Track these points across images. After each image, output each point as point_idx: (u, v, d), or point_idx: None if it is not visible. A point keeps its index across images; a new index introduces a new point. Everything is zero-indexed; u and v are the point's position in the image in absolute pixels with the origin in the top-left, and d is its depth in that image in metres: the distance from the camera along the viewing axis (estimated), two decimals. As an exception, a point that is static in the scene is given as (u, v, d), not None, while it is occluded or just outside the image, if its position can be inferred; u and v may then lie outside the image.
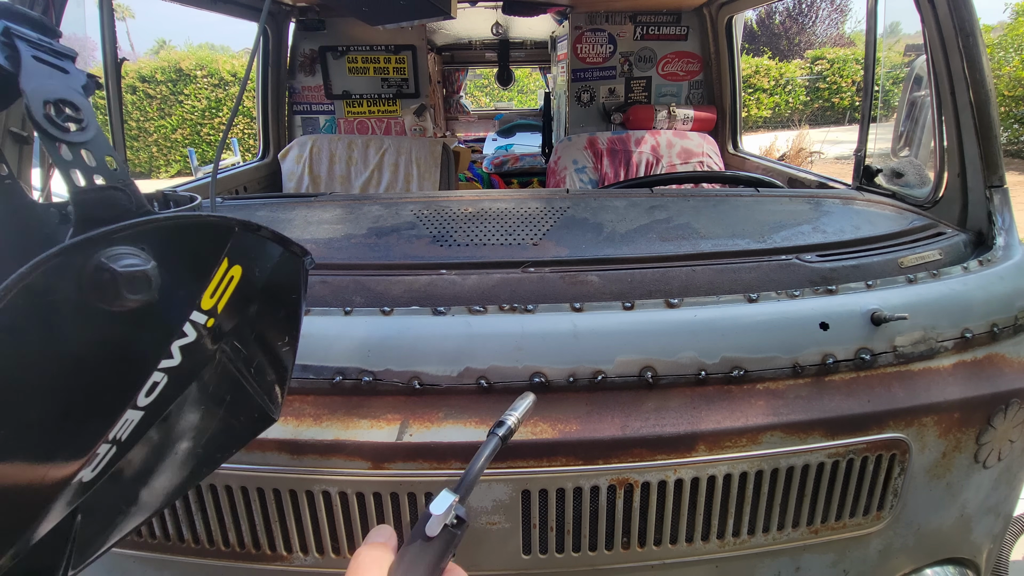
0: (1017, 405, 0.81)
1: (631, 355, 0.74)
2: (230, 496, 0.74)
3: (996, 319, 0.82)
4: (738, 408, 0.74)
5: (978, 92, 0.97)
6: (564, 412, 0.73)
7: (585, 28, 2.61)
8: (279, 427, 0.72)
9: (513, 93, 13.71)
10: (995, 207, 0.97)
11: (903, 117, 1.25)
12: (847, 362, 0.77)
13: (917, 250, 0.93)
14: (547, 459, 0.71)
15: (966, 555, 0.91)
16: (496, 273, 0.85)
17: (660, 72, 2.69)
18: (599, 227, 0.96)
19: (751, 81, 15.09)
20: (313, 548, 0.76)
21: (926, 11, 1.03)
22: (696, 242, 0.92)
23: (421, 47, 2.67)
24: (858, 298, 0.80)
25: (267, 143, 2.63)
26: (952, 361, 0.81)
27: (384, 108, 2.75)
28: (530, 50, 4.22)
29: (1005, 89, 9.98)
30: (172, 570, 0.81)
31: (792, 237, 0.94)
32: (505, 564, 0.76)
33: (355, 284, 0.84)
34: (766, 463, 0.74)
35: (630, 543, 0.76)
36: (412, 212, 1.01)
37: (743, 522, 0.77)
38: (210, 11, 2.04)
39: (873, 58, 1.27)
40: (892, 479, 0.79)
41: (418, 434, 0.71)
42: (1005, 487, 0.89)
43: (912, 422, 0.77)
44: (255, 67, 2.55)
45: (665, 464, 0.72)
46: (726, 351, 0.75)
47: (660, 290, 0.84)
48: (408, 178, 2.41)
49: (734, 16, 2.51)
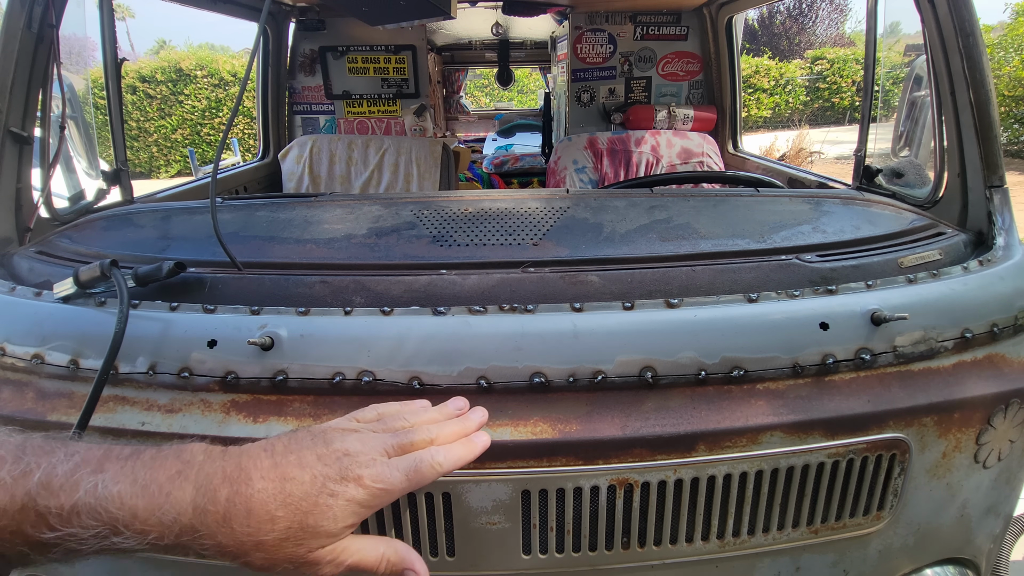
0: (1017, 405, 0.81)
1: (631, 355, 0.74)
2: (230, 496, 0.74)
3: (996, 319, 0.82)
4: (738, 408, 0.74)
5: (978, 92, 0.97)
6: (564, 412, 0.73)
7: (585, 28, 2.61)
8: (279, 427, 0.72)
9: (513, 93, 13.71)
10: (995, 207, 0.97)
11: (903, 117, 1.25)
12: (847, 362, 0.77)
13: (917, 250, 0.93)
14: (547, 459, 0.71)
15: (966, 555, 0.91)
16: (496, 273, 0.85)
17: (660, 72, 2.69)
18: (599, 227, 0.96)
19: (751, 81, 15.09)
20: (313, 548, 0.76)
21: (926, 11, 1.03)
22: (696, 242, 0.92)
23: (421, 47, 2.67)
24: (858, 298, 0.80)
25: (267, 143, 2.63)
26: (952, 361, 0.81)
27: (384, 108, 2.75)
28: (530, 50, 4.22)
29: (1005, 89, 9.97)
30: (172, 570, 0.81)
31: (792, 237, 0.94)
32: (505, 564, 0.76)
33: (355, 284, 0.84)
34: (766, 463, 0.74)
35: (630, 543, 0.76)
36: (412, 212, 1.01)
37: (743, 522, 0.77)
38: (210, 11, 2.04)
39: (873, 58, 1.27)
40: (892, 479, 0.79)
41: (418, 434, 0.71)
42: (1005, 487, 0.89)
43: (912, 422, 0.77)
44: (255, 67, 2.55)
45: (665, 464, 0.72)
46: (726, 351, 0.75)
47: (660, 290, 0.84)
48: (408, 178, 2.41)
49: (734, 16, 2.51)
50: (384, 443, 0.51)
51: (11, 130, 1.01)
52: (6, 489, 0.39)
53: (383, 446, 0.51)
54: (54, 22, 1.06)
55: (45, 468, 0.41)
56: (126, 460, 0.44)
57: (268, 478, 0.46)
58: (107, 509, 0.41)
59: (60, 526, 0.40)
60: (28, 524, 0.40)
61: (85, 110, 1.26)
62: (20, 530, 0.40)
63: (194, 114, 12.90)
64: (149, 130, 12.83)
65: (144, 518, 0.42)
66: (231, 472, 0.45)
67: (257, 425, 0.72)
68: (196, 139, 12.99)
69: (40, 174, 1.08)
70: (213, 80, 12.84)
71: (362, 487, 0.48)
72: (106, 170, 1.30)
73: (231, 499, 0.44)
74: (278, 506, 0.45)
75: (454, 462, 0.53)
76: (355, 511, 0.48)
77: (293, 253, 0.91)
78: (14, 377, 0.79)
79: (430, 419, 0.57)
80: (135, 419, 0.74)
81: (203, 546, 0.44)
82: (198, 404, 0.75)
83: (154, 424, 0.73)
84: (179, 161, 13.04)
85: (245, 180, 2.40)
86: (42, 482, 0.40)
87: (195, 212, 1.09)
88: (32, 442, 0.43)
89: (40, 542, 0.40)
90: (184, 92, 12.76)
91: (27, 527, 0.40)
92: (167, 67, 12.71)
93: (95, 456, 0.43)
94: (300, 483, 0.46)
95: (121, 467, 0.43)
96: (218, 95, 12.90)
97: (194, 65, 12.75)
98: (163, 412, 0.74)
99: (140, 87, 12.56)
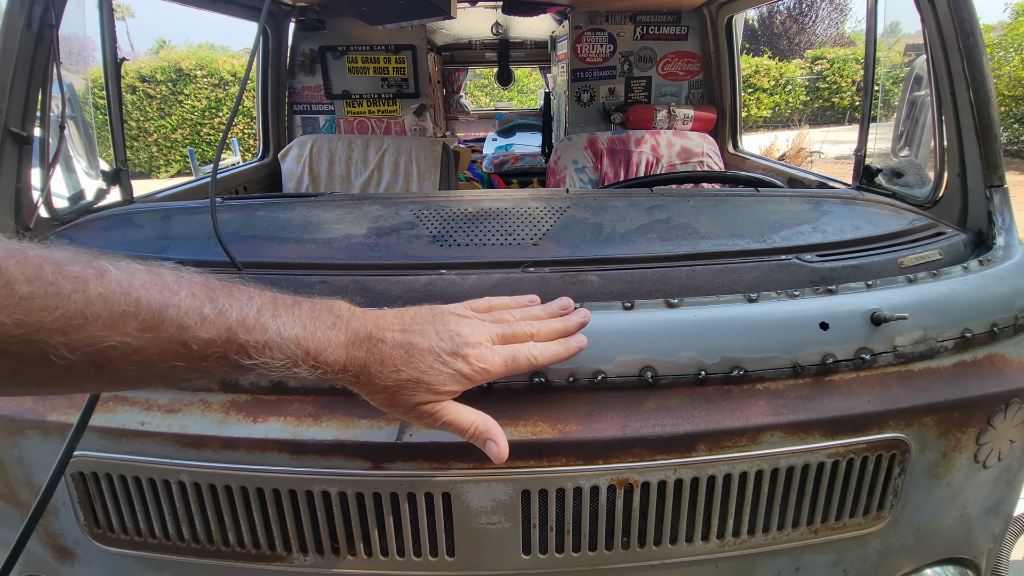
0: (1017, 405, 0.81)
1: (631, 355, 0.74)
2: (230, 496, 0.74)
3: (996, 319, 0.82)
4: (738, 408, 0.74)
5: (978, 92, 0.97)
6: (564, 412, 0.73)
7: (585, 28, 2.61)
8: (279, 427, 0.72)
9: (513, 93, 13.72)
10: (995, 207, 0.97)
11: (903, 117, 1.25)
12: (847, 362, 0.77)
13: (917, 250, 0.93)
14: (547, 459, 0.71)
15: (966, 555, 0.91)
16: (496, 273, 0.85)
17: (660, 72, 2.69)
18: (599, 227, 0.96)
19: (751, 81, 15.09)
20: (313, 548, 0.76)
21: (926, 11, 1.03)
22: (696, 242, 0.92)
23: (421, 47, 2.67)
24: (858, 298, 0.80)
25: (267, 143, 2.62)
26: (952, 361, 0.81)
27: (384, 108, 2.75)
28: (530, 50, 4.22)
29: (1005, 89, 9.97)
30: (172, 570, 0.81)
31: (792, 237, 0.94)
32: (505, 564, 0.76)
33: (355, 284, 0.84)
34: (766, 463, 0.74)
35: (630, 543, 0.76)
36: (412, 212, 1.01)
37: (743, 522, 0.77)
38: (210, 11, 2.04)
39: (873, 58, 1.27)
40: (892, 479, 0.79)
41: (418, 434, 0.71)
42: (1005, 487, 0.89)
43: (912, 422, 0.77)
44: (255, 67, 2.55)
45: (665, 464, 0.72)
46: (726, 351, 0.75)
47: (660, 290, 0.84)
48: (408, 178, 2.41)
49: (734, 16, 2.51)
50: (490, 331, 0.62)
51: (11, 130, 1.01)
52: (213, 324, 0.48)
53: (489, 334, 0.61)
54: (54, 22, 1.06)
55: (236, 309, 0.49)
56: (291, 309, 0.53)
57: (397, 341, 0.57)
58: (289, 347, 0.51)
59: (256, 356, 0.50)
60: (232, 352, 0.49)
61: (85, 110, 1.26)
62: (226, 356, 0.49)
63: (194, 114, 12.89)
64: (149, 130, 12.83)
65: (315, 355, 0.53)
66: (372, 329, 0.57)
67: (257, 425, 0.72)
68: (196, 139, 12.99)
69: (40, 174, 1.07)
70: (213, 80, 12.84)
71: (467, 363, 0.58)
72: (106, 170, 1.30)
73: (370, 350, 0.56)
74: (402, 363, 0.56)
75: (549, 357, 0.63)
76: (459, 380, 0.58)
77: (293, 253, 0.91)
78: (14, 377, 0.79)
79: (534, 315, 0.67)
80: (135, 419, 0.74)
81: (348, 381, 0.57)
82: (198, 404, 0.75)
83: (154, 424, 0.73)
84: (179, 161, 13.04)
85: (245, 180, 2.40)
86: (239, 320, 0.49)
87: (195, 212, 1.09)
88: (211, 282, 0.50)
89: (241, 367, 0.50)
90: (184, 92, 12.76)
91: (232, 354, 0.49)
92: (167, 67, 12.71)
93: (267, 302, 0.52)
94: (419, 349, 0.57)
95: (292, 315, 0.53)
96: (218, 95, 12.89)
97: (194, 65, 12.74)
98: (163, 412, 0.74)
99: (140, 87, 12.56)
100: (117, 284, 0.44)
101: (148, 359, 0.45)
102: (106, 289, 0.43)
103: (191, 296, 0.47)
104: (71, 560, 0.84)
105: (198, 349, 0.47)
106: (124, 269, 0.45)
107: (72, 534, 0.82)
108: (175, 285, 0.47)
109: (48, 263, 0.41)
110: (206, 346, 0.47)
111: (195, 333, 0.47)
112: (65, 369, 0.42)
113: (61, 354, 0.41)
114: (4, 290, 0.38)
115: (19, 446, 0.77)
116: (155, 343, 0.45)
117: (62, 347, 0.41)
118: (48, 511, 0.81)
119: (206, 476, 0.73)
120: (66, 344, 0.41)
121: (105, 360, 0.43)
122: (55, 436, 0.75)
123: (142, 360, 0.45)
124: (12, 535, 0.64)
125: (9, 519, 0.83)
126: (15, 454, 0.78)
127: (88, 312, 0.42)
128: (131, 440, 0.73)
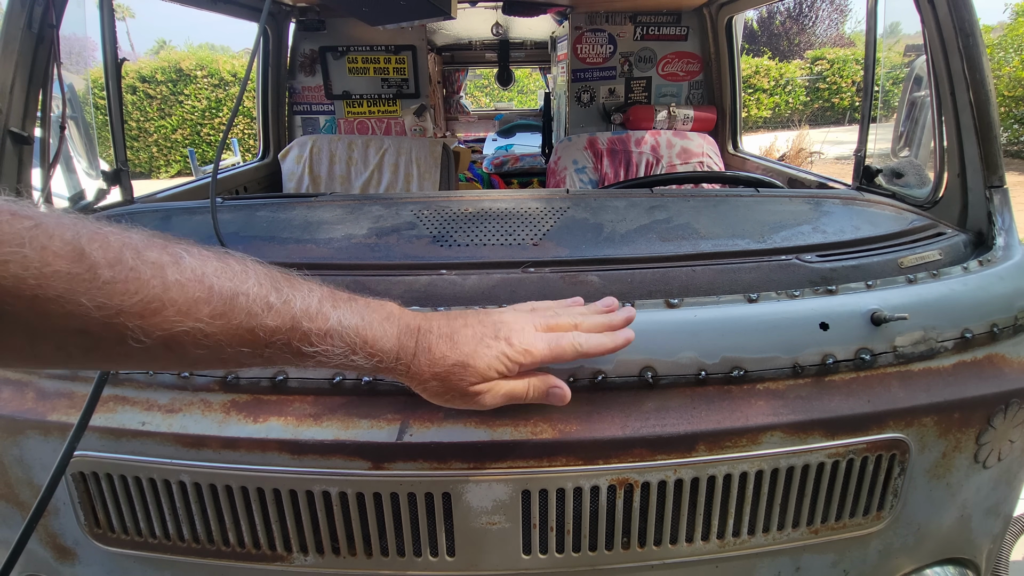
0: (1017, 405, 0.81)
1: (631, 355, 0.74)
2: (230, 496, 0.74)
3: (996, 319, 0.82)
4: (738, 408, 0.74)
5: (978, 92, 0.97)
6: (564, 412, 0.73)
7: (585, 28, 2.61)
8: (279, 427, 0.72)
9: (513, 93, 13.72)
10: (995, 207, 0.97)
11: (903, 117, 1.25)
12: (847, 362, 0.77)
13: (917, 250, 0.93)
14: (547, 459, 0.71)
15: (966, 555, 0.91)
16: (496, 273, 0.85)
17: (660, 72, 2.69)
18: (599, 227, 0.96)
19: (751, 81, 15.10)
20: (313, 548, 0.76)
21: (926, 11, 1.03)
22: (696, 242, 0.92)
23: (421, 47, 2.67)
24: (858, 298, 0.80)
25: (267, 143, 2.63)
26: (952, 361, 0.81)
27: (384, 108, 2.75)
28: (530, 50, 4.22)
29: (1005, 89, 9.98)
30: (172, 570, 0.81)
31: (792, 237, 0.94)
32: (505, 564, 0.76)
33: (355, 284, 0.84)
34: (766, 463, 0.74)
35: (630, 543, 0.76)
36: (412, 212, 1.01)
37: (743, 522, 0.77)
38: (210, 11, 2.03)
39: (873, 58, 1.27)
40: (892, 479, 0.79)
41: (418, 434, 0.71)
42: (1005, 487, 0.89)
43: (912, 422, 0.77)
44: (255, 67, 2.55)
45: (665, 464, 0.72)
46: (726, 351, 0.75)
47: (660, 290, 0.84)
48: (408, 178, 2.41)
49: (734, 16, 2.51)
50: (533, 319, 0.65)
51: (11, 130, 1.01)
52: (279, 313, 0.50)
53: (532, 322, 0.65)
54: (54, 22, 1.06)
55: (299, 299, 0.52)
56: (348, 302, 0.57)
57: (443, 330, 0.61)
58: (349, 336, 0.54)
59: (318, 343, 0.52)
60: (295, 340, 0.51)
61: (85, 110, 1.26)
62: (289, 343, 0.51)
63: (194, 114, 12.89)
64: (149, 130, 12.82)
65: (372, 344, 0.56)
66: (420, 323, 0.61)
67: (257, 425, 0.72)
68: (196, 139, 12.99)
69: (40, 174, 1.08)
70: (213, 80, 12.83)
71: (510, 345, 0.61)
72: (106, 170, 1.30)
73: (419, 340, 0.59)
74: (448, 349, 0.59)
75: (595, 346, 0.64)
76: (504, 362, 0.61)
77: (293, 253, 0.91)
78: (14, 377, 0.79)
79: (579, 312, 0.69)
80: (135, 419, 0.74)
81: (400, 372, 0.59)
82: (198, 404, 0.75)
83: (154, 424, 0.73)
84: (179, 161, 13.03)
85: (245, 180, 2.40)
86: (302, 309, 0.51)
87: (195, 212, 1.09)
88: (273, 272, 0.53)
89: (303, 354, 0.52)
90: (184, 92, 12.75)
91: (295, 342, 0.51)
92: (167, 67, 12.70)
93: (327, 294, 0.55)
94: (464, 335, 0.61)
95: (349, 307, 0.56)
96: (218, 95, 12.89)
97: (194, 65, 12.74)
98: (163, 412, 0.74)
99: (140, 87, 12.56)
100: (191, 271, 0.46)
101: (216, 344, 0.47)
102: (182, 276, 0.45)
103: (258, 285, 0.49)
104: (71, 560, 0.84)
105: (264, 336, 0.49)
106: (196, 256, 0.47)
107: (72, 534, 0.82)
108: (243, 274, 0.49)
109: (128, 248, 0.42)
110: (272, 333, 0.50)
111: (262, 321, 0.49)
112: (138, 350, 0.43)
113: (137, 336, 0.43)
114: (88, 274, 0.39)
115: (19, 446, 0.77)
116: (225, 329, 0.47)
117: (138, 330, 0.42)
118: (48, 511, 0.81)
119: (206, 476, 0.73)
120: (142, 327, 0.43)
121: (176, 343, 0.45)
122: (55, 436, 0.75)
123: (211, 345, 0.47)
124: (12, 535, 0.64)
125: (9, 519, 0.83)
126: (15, 454, 0.78)
127: (165, 298, 0.43)
128: (131, 440, 0.73)
